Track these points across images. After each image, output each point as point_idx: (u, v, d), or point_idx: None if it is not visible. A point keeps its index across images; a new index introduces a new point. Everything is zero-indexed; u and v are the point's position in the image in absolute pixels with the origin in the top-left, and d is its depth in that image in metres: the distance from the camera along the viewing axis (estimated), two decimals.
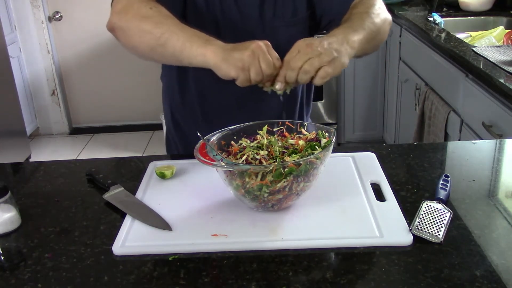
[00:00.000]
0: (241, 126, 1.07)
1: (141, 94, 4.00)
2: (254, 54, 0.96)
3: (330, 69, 0.99)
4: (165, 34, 1.02)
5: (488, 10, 2.87)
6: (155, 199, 1.06)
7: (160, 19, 1.04)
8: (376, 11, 1.18)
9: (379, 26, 1.16)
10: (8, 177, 1.25)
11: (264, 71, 0.97)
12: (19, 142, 3.46)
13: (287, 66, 1.00)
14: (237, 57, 0.96)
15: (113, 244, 0.91)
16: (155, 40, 1.03)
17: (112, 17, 1.10)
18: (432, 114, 2.40)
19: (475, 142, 1.30)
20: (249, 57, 0.96)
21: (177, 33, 1.01)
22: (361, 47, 1.08)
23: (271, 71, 0.98)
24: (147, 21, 1.04)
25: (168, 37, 1.01)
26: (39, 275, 0.86)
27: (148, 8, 1.06)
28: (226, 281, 0.82)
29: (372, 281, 0.81)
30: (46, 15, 3.78)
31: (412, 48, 2.79)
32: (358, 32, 1.08)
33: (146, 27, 1.04)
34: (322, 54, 0.99)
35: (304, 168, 0.93)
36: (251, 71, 0.97)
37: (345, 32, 1.07)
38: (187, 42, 1.00)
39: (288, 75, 1.00)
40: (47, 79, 3.91)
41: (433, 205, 0.96)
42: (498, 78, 1.79)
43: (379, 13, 1.18)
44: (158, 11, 1.06)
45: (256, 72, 0.97)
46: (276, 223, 0.96)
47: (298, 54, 0.99)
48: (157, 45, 1.03)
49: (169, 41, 1.01)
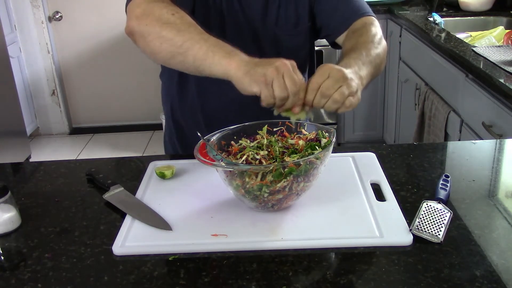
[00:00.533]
0: (241, 126, 1.07)
1: (141, 94, 4.00)
2: (278, 70, 0.91)
3: (354, 100, 0.96)
4: (187, 43, 0.99)
5: (488, 10, 2.87)
6: (155, 199, 1.06)
7: (183, 27, 1.01)
8: (377, 39, 1.17)
9: (382, 57, 1.15)
10: (8, 177, 1.25)
11: (289, 88, 0.91)
12: (19, 142, 3.46)
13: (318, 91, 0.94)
14: (260, 72, 0.91)
15: (113, 244, 0.91)
16: (176, 48, 1.00)
17: (131, 22, 1.06)
18: (432, 114, 2.40)
19: (475, 142, 1.30)
20: (272, 72, 0.91)
21: (200, 42, 0.98)
22: (366, 82, 1.06)
23: (297, 88, 0.92)
24: (169, 28, 1.01)
25: (190, 46, 0.98)
26: (39, 275, 0.86)
27: (170, 14, 1.02)
28: (226, 281, 0.82)
29: (372, 281, 0.81)
30: (46, 15, 3.78)
31: (412, 48, 2.79)
32: (366, 67, 1.06)
33: (168, 34, 1.00)
34: (350, 85, 0.95)
35: (304, 168, 0.93)
36: (274, 86, 0.91)
37: (357, 65, 1.04)
38: (209, 52, 0.97)
39: (317, 100, 0.94)
40: (47, 79, 3.91)
41: (433, 205, 0.96)
42: (498, 78, 1.79)
43: (381, 42, 1.17)
44: (180, 17, 1.02)
45: (280, 87, 0.91)
46: (276, 223, 0.96)
47: (330, 80, 0.93)
48: (177, 53, 1.00)
49: (191, 49, 0.98)
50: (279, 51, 1.26)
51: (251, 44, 1.24)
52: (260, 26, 1.25)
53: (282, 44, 1.27)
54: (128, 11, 1.09)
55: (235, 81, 0.95)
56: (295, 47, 1.29)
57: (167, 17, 1.02)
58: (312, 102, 0.95)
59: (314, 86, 0.94)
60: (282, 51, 1.26)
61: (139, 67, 3.83)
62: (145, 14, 1.04)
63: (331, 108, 0.95)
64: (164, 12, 1.03)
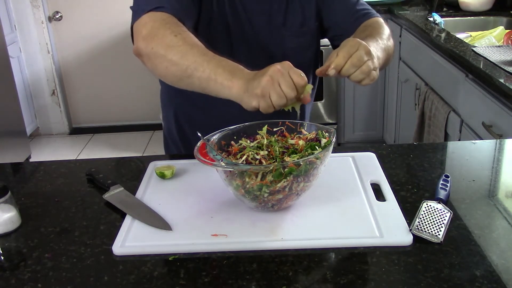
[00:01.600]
0: (241, 126, 1.07)
1: (141, 94, 4.00)
2: (272, 79, 0.91)
3: (376, 74, 1.01)
4: (191, 66, 0.99)
5: (488, 10, 2.87)
6: (155, 199, 1.06)
7: (186, 48, 1.01)
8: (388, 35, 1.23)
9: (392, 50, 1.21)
10: (8, 177, 1.25)
11: (286, 94, 0.91)
12: (19, 142, 3.46)
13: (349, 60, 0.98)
14: (255, 85, 0.92)
15: (113, 244, 0.91)
16: (181, 72, 1.01)
17: (139, 43, 1.06)
18: (432, 114, 2.40)
19: (475, 142, 1.30)
20: (267, 82, 0.91)
21: (203, 65, 0.98)
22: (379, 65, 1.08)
23: (294, 93, 0.92)
24: (173, 51, 1.01)
25: (194, 69, 0.99)
26: (39, 275, 0.86)
27: (173, 35, 1.02)
28: (226, 281, 0.82)
29: (372, 281, 0.81)
30: (46, 15, 3.78)
31: (412, 48, 2.79)
32: (381, 52, 1.12)
33: (173, 58, 1.01)
34: (373, 60, 1.00)
35: (304, 168, 0.93)
36: (272, 97, 0.91)
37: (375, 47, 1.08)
38: (212, 75, 0.97)
39: (346, 68, 0.98)
40: (47, 79, 3.91)
41: (433, 205, 0.96)
42: (498, 78, 1.79)
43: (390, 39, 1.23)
44: (183, 38, 1.02)
45: (278, 95, 0.91)
46: (276, 223, 0.96)
47: (360, 52, 0.98)
48: (184, 77, 1.01)
49: (195, 73, 0.99)
50: (285, 52, 1.28)
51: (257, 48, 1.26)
52: (265, 30, 1.26)
53: (288, 44, 1.28)
54: (135, 31, 1.09)
55: (239, 101, 0.96)
56: (301, 46, 1.29)
57: (170, 40, 1.02)
58: (341, 68, 0.98)
59: (345, 55, 0.98)
60: (288, 51, 1.27)
61: (139, 67, 3.80)
62: (151, 36, 1.04)
63: (357, 78, 0.99)
64: (167, 34, 1.03)
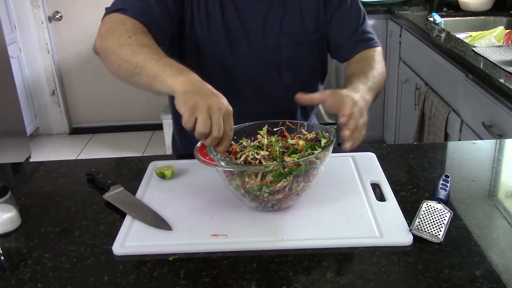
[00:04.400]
0: (241, 126, 1.07)
1: (141, 94, 3.98)
2: (210, 110, 0.88)
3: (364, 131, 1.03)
4: (140, 63, 1.01)
5: (488, 10, 2.87)
6: (155, 199, 1.06)
7: (137, 48, 1.04)
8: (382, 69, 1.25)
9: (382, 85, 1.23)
10: (8, 177, 1.25)
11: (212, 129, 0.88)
12: (19, 142, 3.46)
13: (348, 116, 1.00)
14: (193, 99, 0.89)
15: (113, 244, 0.91)
16: (131, 69, 1.03)
17: (96, 41, 1.11)
18: (432, 114, 2.40)
19: (475, 142, 1.30)
20: (203, 108, 0.88)
21: (151, 62, 1.00)
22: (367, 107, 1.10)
23: (217, 134, 0.88)
24: (125, 50, 1.04)
25: (143, 66, 1.01)
26: (39, 275, 0.86)
27: (127, 36, 1.06)
28: (226, 281, 0.82)
29: (372, 281, 0.81)
30: (46, 15, 3.78)
31: (412, 48, 2.79)
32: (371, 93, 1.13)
33: (124, 56, 1.04)
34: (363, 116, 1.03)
35: (304, 168, 0.93)
36: (198, 120, 0.88)
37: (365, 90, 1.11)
38: (159, 71, 0.98)
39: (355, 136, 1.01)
40: (47, 79, 3.91)
41: (433, 205, 0.96)
42: (498, 78, 1.79)
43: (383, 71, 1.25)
44: (136, 39, 1.06)
45: (203, 123, 0.87)
46: (276, 223, 0.96)
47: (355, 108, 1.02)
48: (134, 74, 1.03)
49: (144, 70, 1.01)
50: (280, 60, 1.28)
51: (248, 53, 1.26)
52: (259, 37, 1.26)
53: (283, 53, 1.28)
54: (99, 27, 1.13)
55: (175, 96, 0.94)
56: (297, 56, 1.29)
57: (123, 39, 1.06)
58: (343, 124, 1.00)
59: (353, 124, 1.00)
60: (283, 60, 1.28)
61: None
62: (106, 35, 1.09)
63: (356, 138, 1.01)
64: (122, 34, 1.07)
